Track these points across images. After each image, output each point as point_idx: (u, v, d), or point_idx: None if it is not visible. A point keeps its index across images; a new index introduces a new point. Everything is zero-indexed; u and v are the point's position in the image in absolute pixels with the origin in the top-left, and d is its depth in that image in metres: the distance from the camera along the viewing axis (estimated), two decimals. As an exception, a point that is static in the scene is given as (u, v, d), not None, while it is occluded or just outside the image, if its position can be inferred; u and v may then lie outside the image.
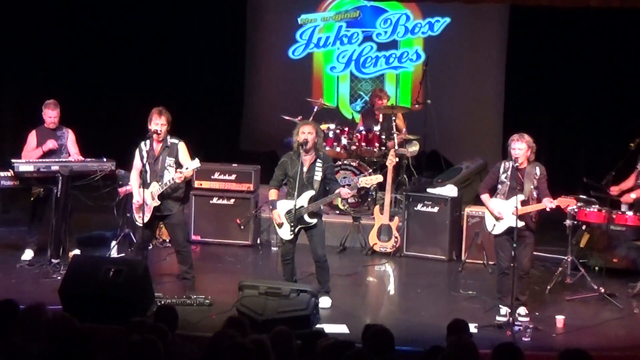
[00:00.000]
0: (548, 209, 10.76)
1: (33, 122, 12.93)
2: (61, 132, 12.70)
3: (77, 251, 12.40)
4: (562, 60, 15.26)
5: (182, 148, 11.18)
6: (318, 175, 10.94)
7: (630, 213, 12.12)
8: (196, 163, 11.03)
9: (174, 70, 16.07)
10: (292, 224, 10.85)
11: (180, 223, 11.47)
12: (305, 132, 10.90)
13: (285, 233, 10.97)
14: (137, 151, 11.22)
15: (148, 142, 11.15)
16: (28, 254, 12.54)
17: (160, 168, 11.06)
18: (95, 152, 12.79)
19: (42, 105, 12.68)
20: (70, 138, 12.72)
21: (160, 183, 11.03)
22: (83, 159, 12.52)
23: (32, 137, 12.63)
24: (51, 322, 7.30)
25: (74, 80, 14.89)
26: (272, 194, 11.19)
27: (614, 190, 12.09)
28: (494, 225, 10.88)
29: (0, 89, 14.62)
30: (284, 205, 10.97)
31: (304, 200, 10.88)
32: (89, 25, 15.45)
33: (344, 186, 11.25)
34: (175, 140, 11.19)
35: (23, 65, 14.95)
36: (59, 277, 10.99)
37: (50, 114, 12.58)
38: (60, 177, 12.07)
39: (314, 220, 10.98)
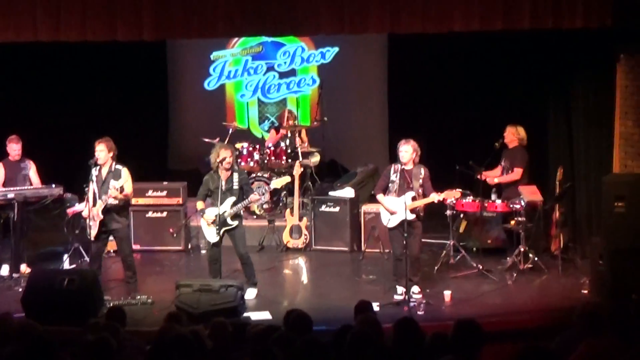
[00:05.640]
0: (436, 201, 10.88)
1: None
2: (24, 164, 12.44)
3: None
4: (434, 76, 15.35)
5: (124, 173, 11.08)
6: (236, 184, 11.07)
7: (498, 201, 12.28)
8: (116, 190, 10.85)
9: (110, 106, 15.81)
10: (217, 227, 10.88)
11: (126, 236, 11.38)
12: (224, 154, 11.01)
13: (212, 236, 11.00)
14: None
15: (98, 167, 11.04)
16: (5, 269, 12.28)
17: (106, 189, 10.93)
18: (48, 178, 12.64)
19: (5, 140, 12.40)
20: (32, 169, 12.49)
21: (101, 199, 10.91)
22: (35, 186, 12.31)
23: (0, 169, 12.40)
24: (17, 328, 7.20)
25: (30, 118, 14.63)
26: (200, 204, 11.28)
27: (482, 176, 12.20)
28: (389, 219, 10.96)
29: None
30: (210, 213, 11.02)
31: (226, 206, 10.95)
32: (43, 74, 15.20)
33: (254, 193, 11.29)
34: (119, 166, 11.09)
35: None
36: (20, 289, 10.86)
37: (14, 148, 12.33)
38: (16, 203, 11.89)
39: (236, 222, 11.07)
